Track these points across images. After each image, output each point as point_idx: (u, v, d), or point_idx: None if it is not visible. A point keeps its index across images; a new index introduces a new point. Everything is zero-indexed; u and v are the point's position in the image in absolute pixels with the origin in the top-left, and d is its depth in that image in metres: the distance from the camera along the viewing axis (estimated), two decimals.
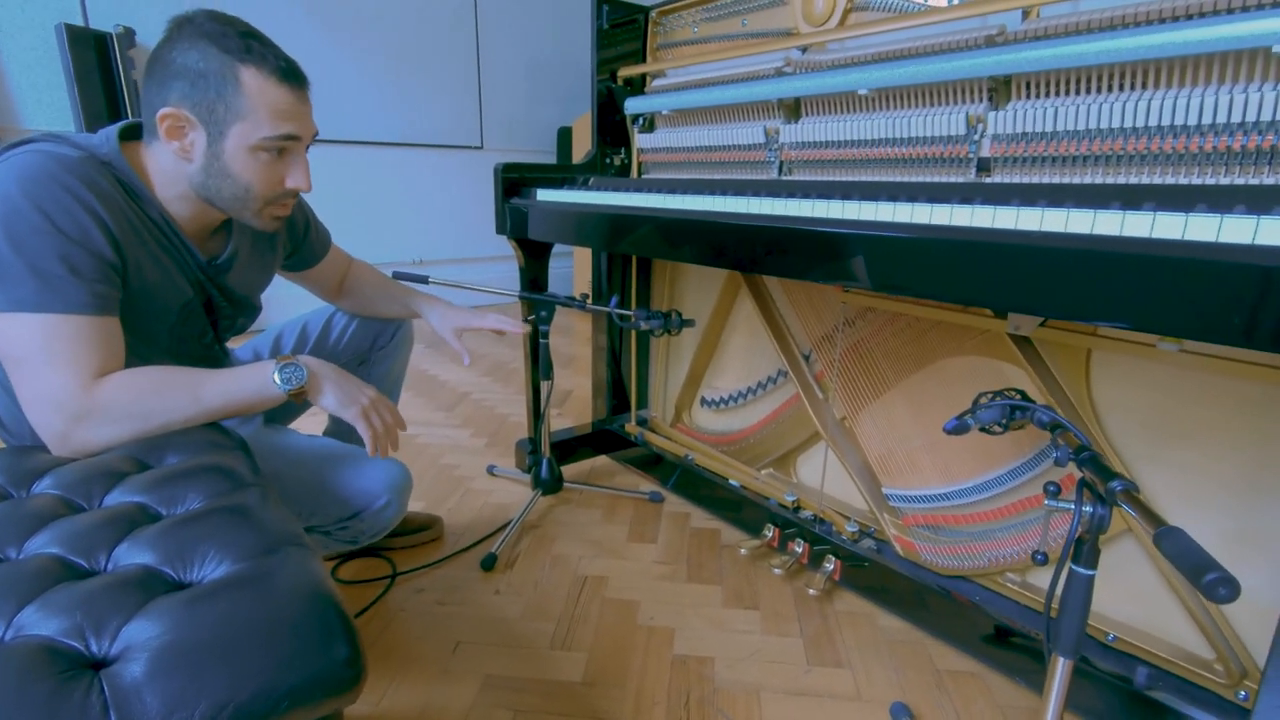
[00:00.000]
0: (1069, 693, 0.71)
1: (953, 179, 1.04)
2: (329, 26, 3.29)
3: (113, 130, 0.84)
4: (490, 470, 1.83)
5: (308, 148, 0.90)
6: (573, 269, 4.14)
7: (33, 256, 0.71)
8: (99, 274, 0.75)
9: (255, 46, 0.80)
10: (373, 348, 1.29)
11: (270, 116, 0.81)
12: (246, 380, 0.83)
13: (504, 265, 4.08)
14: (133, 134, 0.86)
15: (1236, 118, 0.75)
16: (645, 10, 1.60)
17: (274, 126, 0.82)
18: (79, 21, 2.69)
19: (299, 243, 1.15)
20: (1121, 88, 0.86)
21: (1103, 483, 0.62)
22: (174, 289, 0.88)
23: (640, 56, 1.63)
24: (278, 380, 0.83)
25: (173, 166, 0.84)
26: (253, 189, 0.85)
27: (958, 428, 0.83)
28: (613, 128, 1.65)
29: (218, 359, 1.04)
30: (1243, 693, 0.91)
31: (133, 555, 0.57)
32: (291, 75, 0.83)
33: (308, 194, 0.96)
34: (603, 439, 1.88)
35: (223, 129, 0.81)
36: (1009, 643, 1.09)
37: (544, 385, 1.52)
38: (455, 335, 1.29)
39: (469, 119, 3.89)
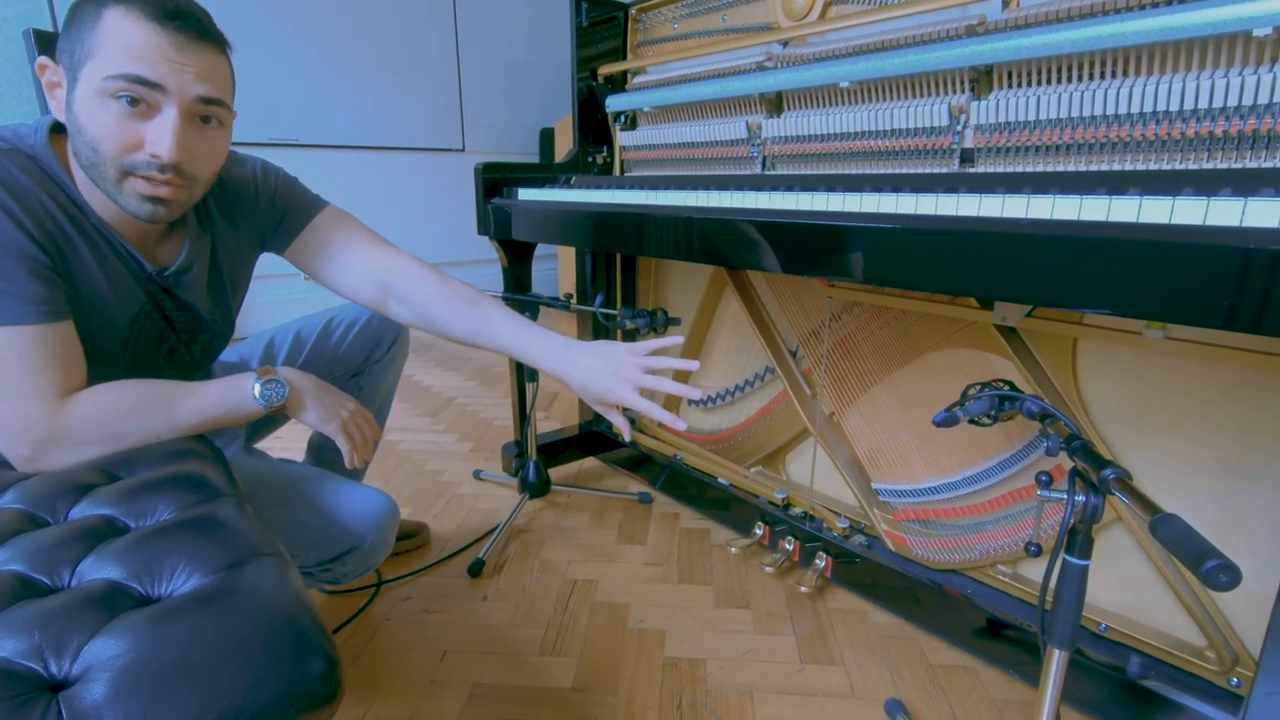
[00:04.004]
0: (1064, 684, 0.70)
1: (936, 170, 1.03)
2: (306, 31, 3.25)
3: (43, 122, 0.74)
4: (476, 475, 1.80)
5: (210, 119, 0.74)
6: (557, 270, 4.12)
7: None
8: (33, 276, 0.68)
9: None
10: (368, 360, 1.22)
11: (120, 52, 0.67)
12: (225, 395, 0.79)
13: (488, 268, 4.05)
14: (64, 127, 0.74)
15: (1219, 102, 0.75)
16: (624, 7, 1.58)
17: (120, 63, 0.67)
18: (48, 26, 2.63)
19: (261, 225, 0.97)
20: (1103, 75, 0.86)
21: (1095, 471, 0.61)
22: (121, 300, 0.79)
23: (620, 54, 1.62)
24: (258, 395, 0.79)
25: (70, 143, 0.73)
26: (99, 146, 0.69)
27: (947, 420, 0.82)
28: (594, 126, 1.63)
29: (186, 370, 0.94)
30: (1235, 679, 0.91)
31: (98, 570, 0.55)
32: (172, 14, 0.68)
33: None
34: (590, 440, 1.86)
35: (76, 74, 0.68)
36: (1001, 635, 1.09)
37: (530, 388, 1.50)
38: (605, 405, 0.89)
39: (450, 121, 3.86)
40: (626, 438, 0.86)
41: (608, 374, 0.85)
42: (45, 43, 1.31)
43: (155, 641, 0.46)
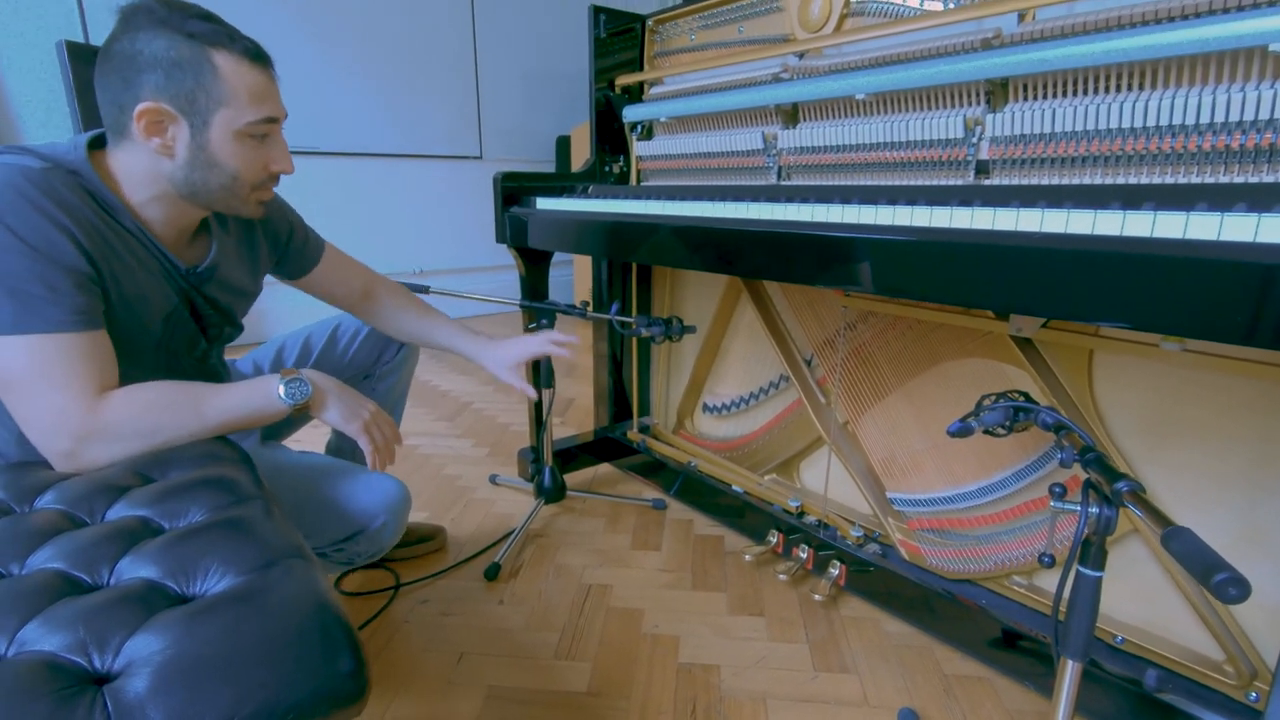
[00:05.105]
0: (1078, 695, 0.70)
1: (952, 182, 1.04)
2: (326, 39, 3.31)
3: (81, 139, 0.81)
4: (493, 480, 1.82)
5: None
6: (573, 277, 4.15)
7: (7, 277, 0.69)
8: (77, 288, 0.73)
9: (220, 30, 0.79)
10: (378, 362, 1.27)
11: (251, 101, 0.80)
12: (251, 395, 0.82)
13: (505, 274, 4.09)
14: (101, 143, 0.82)
15: (1235, 116, 0.75)
16: (642, 19, 1.60)
17: (256, 110, 0.81)
18: (80, 38, 2.70)
19: (283, 249, 1.09)
20: (1119, 88, 0.86)
21: (1109, 483, 0.61)
22: (156, 299, 0.85)
23: (638, 65, 1.64)
24: (283, 395, 0.82)
25: (148, 166, 0.81)
26: (240, 176, 0.83)
27: (961, 430, 0.83)
28: (611, 136, 1.65)
29: (215, 373, 1.01)
30: (1253, 694, 0.91)
31: (135, 569, 0.57)
32: (260, 56, 0.82)
33: (289, 179, 0.93)
34: (605, 447, 1.88)
35: (206, 118, 0.79)
36: (1016, 646, 1.08)
37: (546, 394, 1.51)
38: (514, 372, 1.19)
39: (468, 129, 3.91)
40: (531, 395, 1.21)
41: (509, 344, 1.21)
42: (78, 54, 1.34)
43: (192, 639, 0.48)
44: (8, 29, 2.61)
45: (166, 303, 0.87)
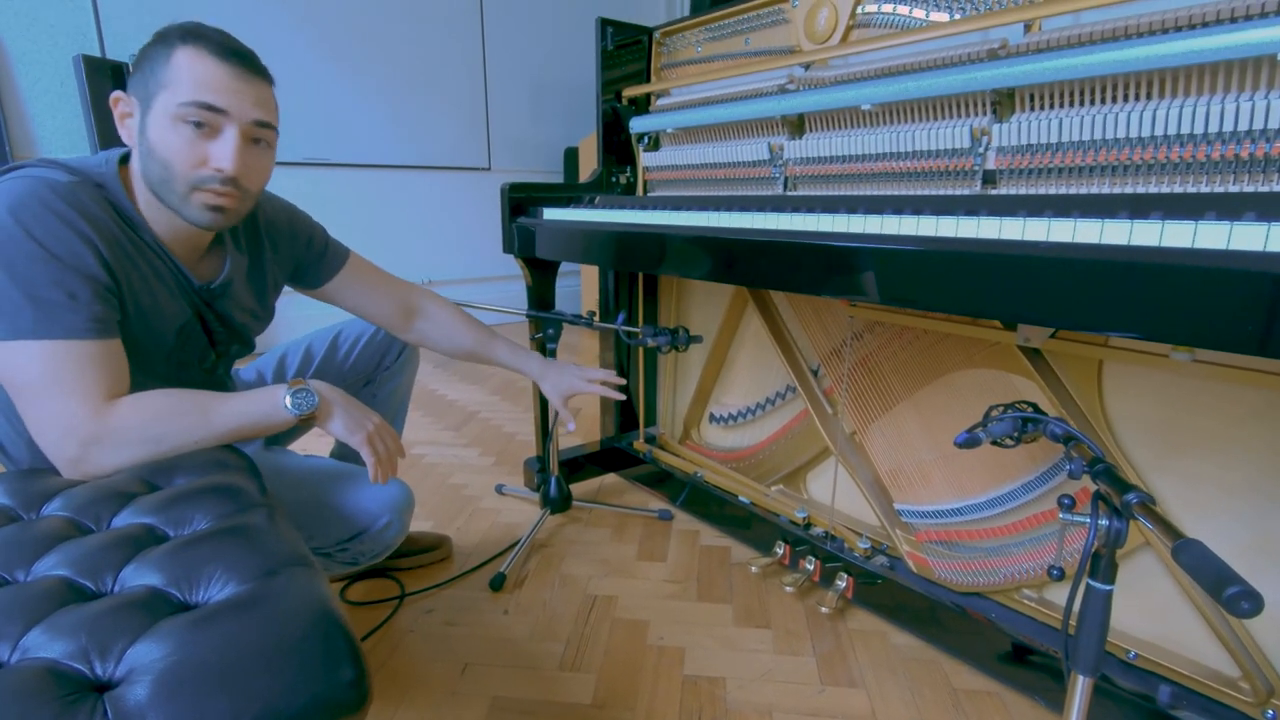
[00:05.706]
0: (1090, 712, 0.69)
1: (958, 191, 1.03)
2: (336, 51, 3.35)
3: (114, 154, 0.84)
4: (499, 489, 1.82)
5: (260, 140, 0.84)
6: (580, 287, 4.16)
7: (29, 284, 0.71)
8: (96, 297, 0.75)
9: (206, 33, 0.78)
10: (379, 368, 1.28)
11: (191, 83, 0.76)
12: (258, 404, 0.83)
13: (512, 284, 4.10)
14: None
15: (1243, 126, 0.75)
16: (649, 31, 1.62)
17: (191, 92, 0.76)
18: (96, 52, 2.75)
19: (301, 256, 1.09)
20: (1126, 98, 0.86)
21: (1118, 495, 0.61)
22: (170, 312, 0.87)
23: (644, 76, 1.65)
24: (289, 405, 0.83)
25: (138, 166, 0.82)
26: (171, 165, 0.79)
27: (969, 441, 0.82)
28: (618, 147, 1.66)
29: (222, 383, 1.03)
30: (1270, 711, 0.89)
31: (139, 577, 0.57)
32: (233, 55, 0.79)
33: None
34: (611, 457, 1.87)
35: (149, 103, 0.78)
36: (1027, 661, 1.07)
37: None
38: (564, 401, 1.28)
39: (476, 140, 3.93)
40: (570, 427, 1.25)
41: (571, 375, 1.29)
42: (95, 68, 1.36)
43: (194, 646, 0.48)
44: (26, 43, 2.66)
45: (180, 315, 0.89)
